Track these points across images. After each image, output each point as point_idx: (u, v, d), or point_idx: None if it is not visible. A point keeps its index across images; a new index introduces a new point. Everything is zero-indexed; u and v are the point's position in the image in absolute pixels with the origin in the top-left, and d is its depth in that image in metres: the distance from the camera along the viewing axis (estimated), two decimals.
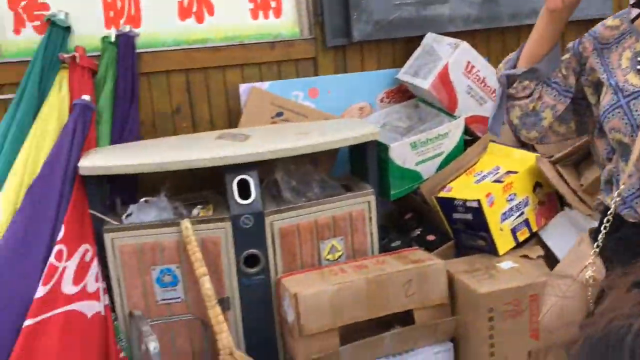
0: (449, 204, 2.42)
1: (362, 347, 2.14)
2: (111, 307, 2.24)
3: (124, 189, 2.42)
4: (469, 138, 2.68)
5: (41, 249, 2.09)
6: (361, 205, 2.37)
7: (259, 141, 2.31)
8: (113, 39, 2.40)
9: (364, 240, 2.39)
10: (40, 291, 2.04)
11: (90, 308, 2.14)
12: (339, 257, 2.37)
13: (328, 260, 2.35)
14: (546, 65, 1.34)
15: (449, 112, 2.62)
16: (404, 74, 2.70)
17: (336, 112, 2.73)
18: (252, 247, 2.25)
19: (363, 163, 2.47)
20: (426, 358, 2.23)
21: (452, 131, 2.55)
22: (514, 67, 1.38)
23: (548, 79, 1.39)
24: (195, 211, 2.36)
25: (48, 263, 2.07)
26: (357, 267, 2.26)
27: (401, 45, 2.81)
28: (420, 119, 2.73)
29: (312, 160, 2.55)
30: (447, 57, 2.58)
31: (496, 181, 2.37)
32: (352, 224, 2.36)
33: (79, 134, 2.23)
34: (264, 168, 2.38)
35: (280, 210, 2.27)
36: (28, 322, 2.00)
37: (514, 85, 1.39)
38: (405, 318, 2.23)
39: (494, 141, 2.58)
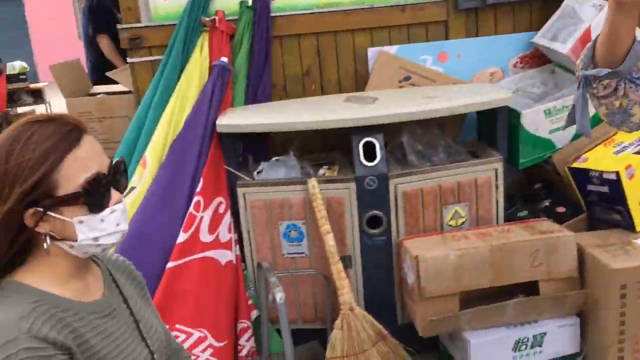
0: (583, 175, 2.31)
1: (482, 313, 2.13)
2: (241, 257, 2.40)
3: (256, 147, 2.55)
4: None
5: (182, 199, 2.28)
6: (488, 172, 2.32)
7: (386, 104, 2.33)
8: (250, 3, 2.50)
9: (489, 208, 2.35)
10: (181, 237, 2.23)
11: (223, 256, 2.31)
12: (462, 223, 2.35)
13: (450, 226, 2.34)
14: (627, 63, 1.23)
15: None
16: (540, 38, 2.57)
17: (465, 77, 2.67)
18: (375, 209, 2.29)
19: (492, 129, 2.41)
20: (550, 331, 2.17)
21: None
22: (590, 64, 1.28)
23: (630, 74, 1.27)
24: (321, 171, 2.43)
25: (188, 212, 2.25)
26: (481, 234, 2.23)
27: (539, 7, 2.67)
28: (556, 85, 2.59)
29: (438, 124, 2.53)
30: (589, 20, 2.42)
31: (638, 153, 2.22)
32: (477, 190, 2.33)
33: (217, 94, 2.37)
34: (390, 131, 2.39)
35: (405, 174, 2.28)
36: (170, 264, 2.20)
37: (594, 85, 1.29)
38: (529, 289, 2.18)
39: None
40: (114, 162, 1.11)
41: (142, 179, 2.35)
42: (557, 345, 2.18)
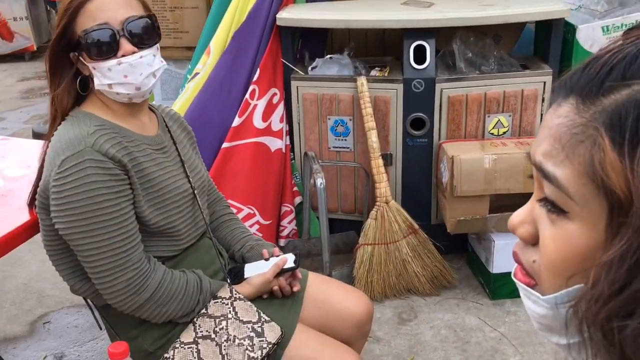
0: None
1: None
2: (291, 147, 2.58)
3: (314, 44, 2.67)
4: None
5: (239, 86, 2.45)
6: (535, 84, 2.35)
7: (441, 9, 2.37)
8: None
9: (533, 120, 2.40)
10: (236, 121, 2.42)
11: (274, 143, 2.49)
12: (504, 132, 2.41)
13: (492, 134, 2.41)
14: None
15: None
16: None
17: None
18: (419, 111, 2.39)
19: (547, 44, 2.41)
20: None
21: None
22: None
23: None
24: (373, 72, 2.53)
25: (244, 99, 2.43)
26: (520, 143, 2.30)
27: None
28: (622, 3, 2.54)
29: (494, 36, 2.55)
30: None
31: None
32: (523, 102, 2.37)
33: None
34: (444, 38, 2.45)
35: (451, 79, 2.35)
36: (226, 145, 2.40)
37: None
38: None
39: None
40: (129, 18, 1.25)
41: (205, 66, 2.53)
42: None
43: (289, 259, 1.48)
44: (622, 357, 0.45)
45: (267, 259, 1.49)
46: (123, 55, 1.25)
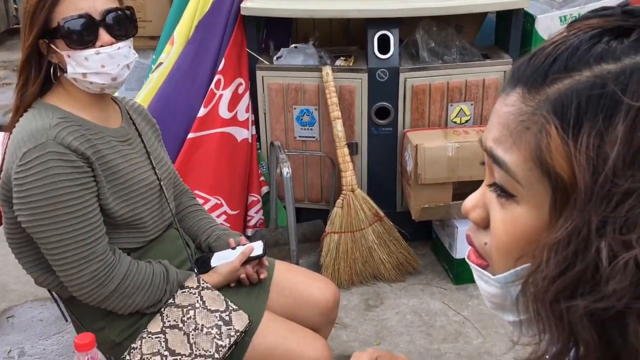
0: None
1: None
2: (257, 137, 2.58)
3: (279, 34, 2.67)
4: None
5: (204, 76, 2.44)
6: (496, 73, 2.41)
7: None
8: None
9: None
10: (202, 111, 2.41)
11: (240, 134, 2.49)
12: (466, 121, 2.46)
13: (455, 122, 2.46)
14: None
15: None
16: None
17: None
18: (384, 100, 2.42)
19: (507, 32, 2.47)
20: None
21: None
22: None
23: None
24: (338, 62, 2.55)
25: (209, 89, 2.42)
26: (482, 131, 2.34)
27: None
28: None
29: (456, 26, 2.59)
30: None
31: None
32: (484, 90, 2.42)
33: None
34: (407, 28, 2.48)
35: (415, 69, 2.39)
36: (191, 135, 2.40)
37: None
38: None
39: None
40: (111, 9, 1.26)
41: (169, 55, 2.51)
42: None
43: (256, 247, 1.50)
44: (570, 335, 0.47)
45: (233, 248, 1.50)
46: (101, 46, 1.25)
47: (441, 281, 2.46)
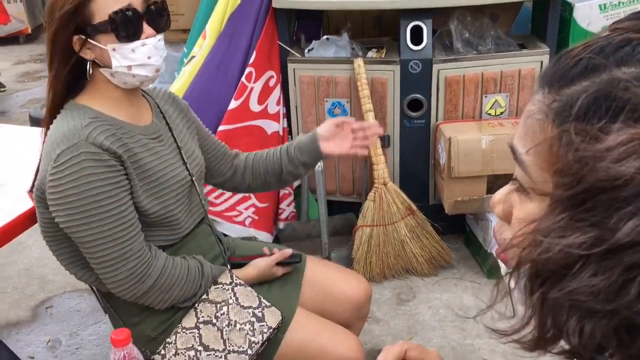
0: None
1: None
2: (289, 130, 2.58)
3: (310, 26, 2.65)
4: None
5: (235, 69, 2.44)
6: (532, 64, 2.35)
7: None
8: None
9: (530, 100, 2.39)
10: (233, 104, 2.41)
11: (270, 126, 2.48)
12: (501, 113, 2.41)
13: (489, 114, 2.41)
14: None
15: None
16: None
17: None
18: (417, 92, 2.39)
19: (544, 21, 2.40)
20: None
21: None
22: None
23: None
24: (370, 53, 2.52)
25: (240, 82, 2.42)
26: (517, 123, 2.29)
27: None
28: None
29: (491, 15, 2.54)
30: None
31: None
32: (520, 81, 2.37)
33: None
34: (441, 18, 2.43)
35: (449, 60, 2.35)
36: (222, 128, 2.40)
37: None
38: None
39: None
40: (151, 1, 1.27)
41: (201, 49, 2.52)
42: None
43: (294, 254, 1.53)
44: (552, 322, 0.48)
45: (269, 256, 1.52)
46: (147, 37, 1.26)
47: (474, 275, 2.43)
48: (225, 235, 1.75)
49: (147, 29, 1.26)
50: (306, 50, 2.51)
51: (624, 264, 0.43)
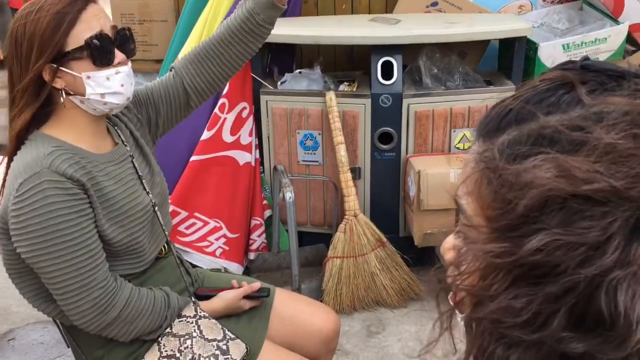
0: None
1: None
2: (260, 161, 2.59)
3: (283, 59, 2.69)
4: (632, 48, 2.53)
5: (209, 100, 2.44)
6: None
7: (408, 26, 2.42)
8: None
9: None
10: (206, 135, 2.42)
11: (242, 157, 2.49)
12: (470, 147, 2.46)
13: (458, 148, 2.46)
14: None
15: (614, 17, 2.49)
16: None
17: (494, 8, 2.71)
18: (387, 126, 2.43)
19: (510, 59, 2.48)
20: None
21: (612, 37, 2.44)
22: None
23: None
24: (341, 87, 2.57)
25: (212, 112, 2.43)
26: None
27: None
28: (582, 22, 2.62)
29: (459, 52, 2.61)
30: None
31: None
32: None
33: None
34: (410, 54, 2.49)
35: (418, 94, 2.40)
36: (194, 158, 2.41)
37: None
38: None
39: None
40: (118, 28, 1.28)
41: None
42: None
43: (262, 288, 1.52)
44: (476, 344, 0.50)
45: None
46: (119, 64, 1.27)
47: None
48: (194, 266, 1.74)
49: (118, 54, 1.27)
50: (279, 83, 2.54)
51: (546, 292, 0.44)
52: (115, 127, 1.41)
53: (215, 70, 1.49)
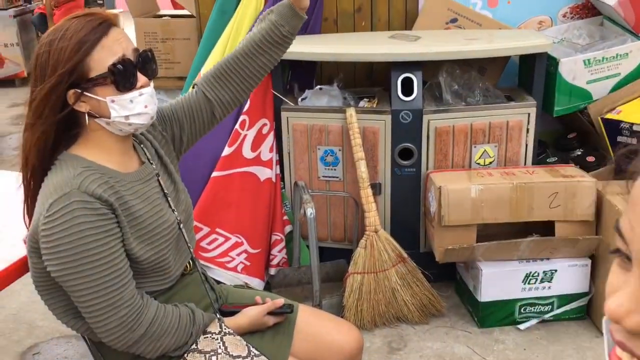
0: (614, 126, 2.37)
1: (497, 247, 2.27)
2: (281, 176, 2.61)
3: (304, 76, 2.72)
4: None
5: (230, 116, 2.46)
6: (520, 115, 2.41)
7: (428, 43, 2.43)
8: None
9: (518, 151, 2.45)
10: (226, 151, 2.45)
11: (263, 173, 2.51)
12: (490, 163, 2.46)
13: (478, 164, 2.46)
14: None
15: (635, 32, 2.48)
16: None
17: (513, 24, 2.72)
18: (407, 142, 2.44)
19: (530, 75, 2.48)
20: (561, 269, 2.29)
21: (634, 52, 2.43)
22: None
23: None
24: (361, 103, 2.58)
25: (233, 129, 2.46)
26: (506, 173, 2.35)
27: None
28: (603, 37, 2.61)
29: (479, 68, 2.62)
30: None
31: None
32: (508, 132, 2.43)
33: None
34: (430, 70, 2.51)
35: (439, 110, 2.40)
36: (216, 174, 2.43)
37: None
38: (545, 229, 2.30)
39: None
40: (140, 51, 1.31)
41: None
42: (566, 283, 2.31)
43: (285, 304, 1.53)
44: None
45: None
46: (142, 87, 1.30)
47: (465, 324, 2.43)
48: (218, 282, 1.76)
49: (140, 77, 1.30)
50: (299, 99, 2.57)
51: None
52: (142, 145, 1.44)
53: (240, 82, 1.52)
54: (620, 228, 0.49)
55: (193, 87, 1.57)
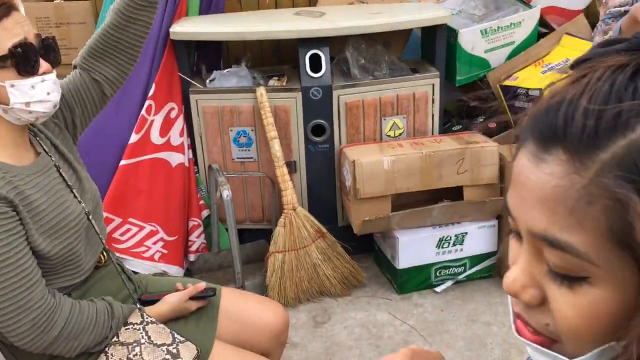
0: (512, 92, 2.49)
1: (410, 215, 2.35)
2: (194, 161, 2.56)
3: (210, 57, 2.66)
4: (544, 30, 2.67)
5: (135, 102, 2.39)
6: (425, 87, 2.49)
7: (333, 18, 2.45)
8: None
9: (425, 121, 2.53)
10: (134, 138, 2.37)
11: (174, 158, 2.45)
12: (400, 134, 2.53)
13: (389, 136, 2.52)
14: None
15: (526, 1, 2.61)
16: None
17: None
18: (319, 118, 2.45)
19: (432, 47, 2.56)
20: (470, 231, 2.41)
21: (526, 21, 2.56)
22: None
23: None
24: (271, 82, 2.57)
25: (140, 115, 2.38)
26: (415, 143, 2.42)
27: None
28: (497, 7, 2.73)
29: (384, 42, 2.66)
30: None
31: (561, 71, 2.40)
32: (415, 104, 2.50)
33: (171, 3, 2.45)
34: (336, 46, 2.52)
35: (347, 85, 2.43)
36: (124, 162, 2.35)
37: None
38: (455, 195, 2.40)
39: (569, 34, 2.57)
40: (43, 37, 1.24)
41: None
42: (477, 244, 2.43)
43: (207, 288, 1.51)
44: None
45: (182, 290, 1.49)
46: (44, 73, 1.22)
47: (386, 292, 2.50)
48: (135, 272, 1.71)
49: (43, 63, 1.23)
50: (208, 81, 2.52)
51: None
52: (37, 138, 1.36)
53: (120, 55, 1.46)
54: (508, 204, 0.48)
55: (74, 69, 1.49)
